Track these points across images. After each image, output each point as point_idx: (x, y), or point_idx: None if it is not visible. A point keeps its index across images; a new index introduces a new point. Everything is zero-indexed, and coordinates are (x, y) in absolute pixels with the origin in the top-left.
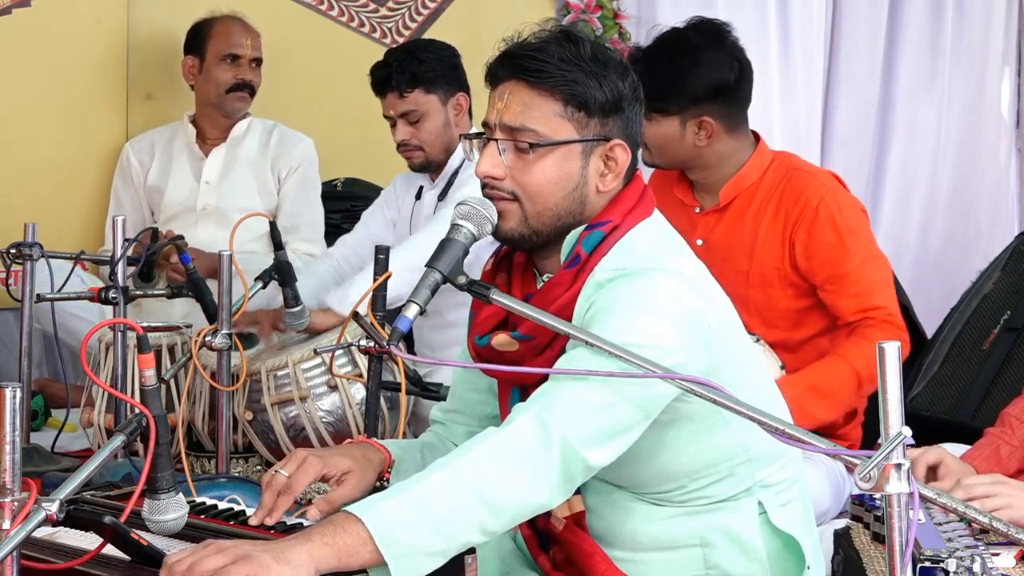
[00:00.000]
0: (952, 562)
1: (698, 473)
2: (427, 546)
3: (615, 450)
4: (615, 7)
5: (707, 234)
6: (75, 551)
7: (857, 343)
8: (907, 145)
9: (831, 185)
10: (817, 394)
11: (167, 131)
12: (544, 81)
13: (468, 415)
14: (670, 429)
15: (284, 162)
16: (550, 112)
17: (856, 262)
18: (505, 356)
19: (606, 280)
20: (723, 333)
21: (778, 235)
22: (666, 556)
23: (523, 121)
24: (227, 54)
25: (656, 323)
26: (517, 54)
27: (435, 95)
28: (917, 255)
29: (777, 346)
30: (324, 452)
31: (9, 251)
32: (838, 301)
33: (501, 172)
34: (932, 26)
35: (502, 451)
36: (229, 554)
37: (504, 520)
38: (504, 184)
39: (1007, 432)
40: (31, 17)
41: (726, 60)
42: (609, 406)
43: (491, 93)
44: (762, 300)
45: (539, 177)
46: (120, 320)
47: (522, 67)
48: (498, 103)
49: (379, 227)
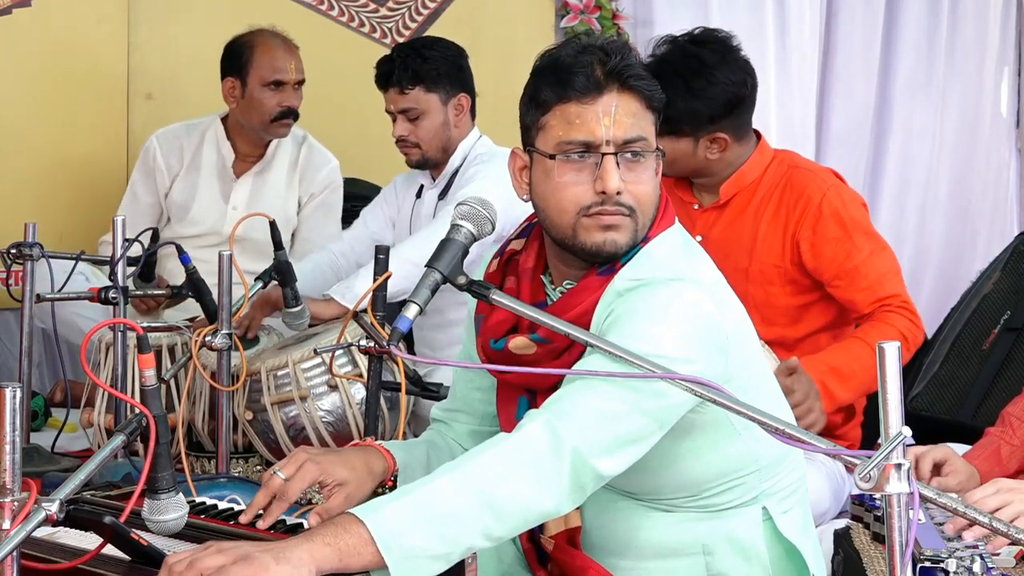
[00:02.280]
0: (952, 562)
1: (710, 483)
2: (429, 549)
3: (627, 460)
4: (614, 8)
5: (706, 230)
6: (75, 551)
7: (875, 326)
8: (904, 145)
9: (832, 182)
10: (839, 376)
11: (195, 134)
12: (649, 94)
13: (470, 413)
14: (684, 440)
15: (307, 187)
16: (649, 122)
17: (864, 255)
18: (521, 359)
19: (625, 289)
20: (738, 341)
21: (779, 233)
22: (669, 564)
23: (637, 132)
24: (272, 80)
25: (673, 333)
26: (618, 67)
27: (436, 94)
28: (916, 255)
29: (775, 343)
30: (324, 457)
31: (9, 251)
32: (852, 295)
33: (622, 187)
34: (929, 27)
35: (512, 458)
36: (229, 554)
37: (509, 526)
38: (624, 199)
39: (1007, 432)
40: (31, 17)
41: (739, 76)
42: (622, 415)
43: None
44: (761, 297)
45: (650, 187)
46: (120, 320)
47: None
48: (604, 118)
49: (378, 225)
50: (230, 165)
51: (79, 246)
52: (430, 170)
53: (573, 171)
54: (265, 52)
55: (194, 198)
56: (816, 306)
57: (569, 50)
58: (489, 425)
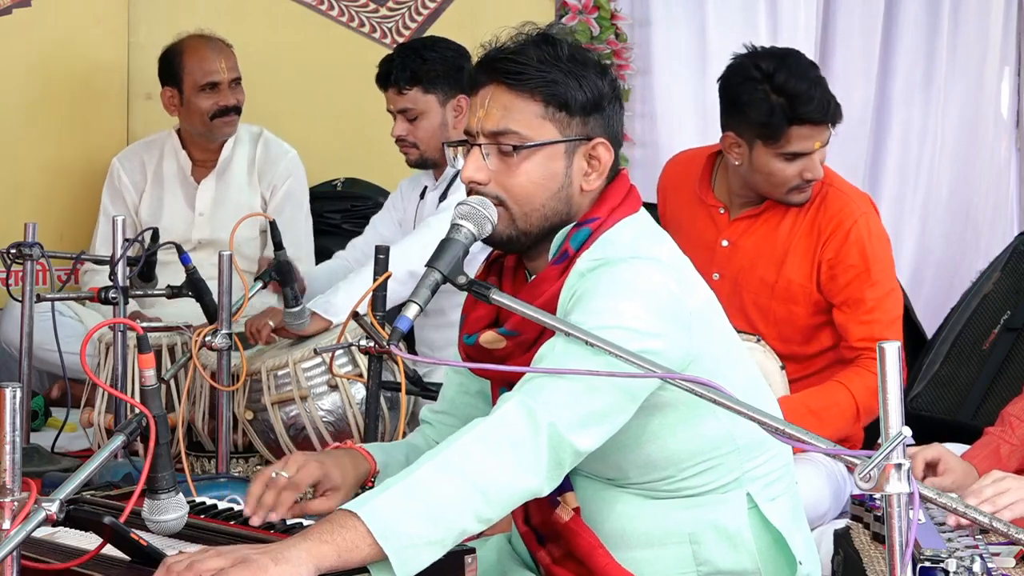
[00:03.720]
0: (952, 562)
1: (685, 462)
2: (425, 536)
3: (602, 434)
4: (612, 8)
5: (736, 237)
6: (75, 551)
7: (860, 374)
8: (904, 145)
9: (865, 209)
10: (816, 418)
11: (154, 149)
12: (524, 83)
13: (458, 417)
14: (655, 416)
15: (268, 180)
16: (532, 114)
17: (877, 291)
18: (494, 354)
19: (588, 270)
20: (704, 319)
21: (809, 252)
22: (656, 553)
23: (505, 124)
24: (205, 83)
25: (635, 307)
26: (496, 58)
27: (434, 95)
28: (916, 255)
29: (787, 358)
30: (321, 459)
31: (9, 251)
32: (849, 324)
33: (485, 177)
34: (929, 26)
35: (490, 439)
36: (228, 557)
37: (498, 507)
38: (489, 189)
39: (1007, 431)
40: (31, 17)
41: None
42: (594, 391)
43: (471, 99)
44: (783, 314)
45: (524, 179)
46: (120, 320)
47: (502, 70)
48: (479, 110)
49: (387, 228)
50: (189, 173)
51: (79, 246)
52: (432, 171)
53: (468, 160)
54: (194, 57)
55: (161, 210)
56: (830, 326)
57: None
58: None
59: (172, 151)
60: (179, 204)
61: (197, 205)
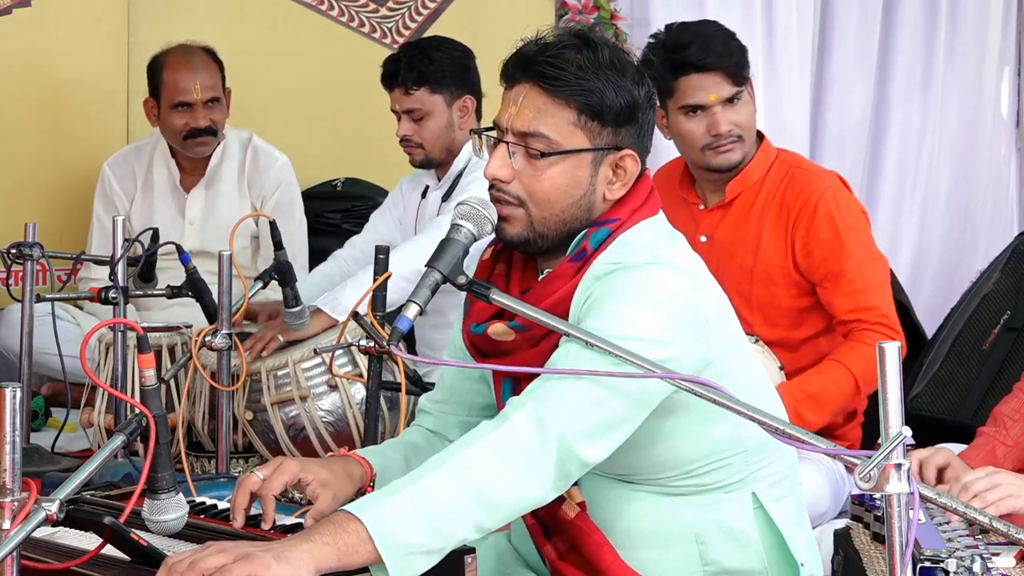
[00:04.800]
0: (952, 562)
1: (695, 463)
2: (424, 545)
3: (610, 445)
4: (612, 8)
5: (711, 230)
6: (75, 551)
7: (854, 347)
8: (903, 145)
9: (832, 183)
10: (815, 402)
11: (144, 155)
12: (560, 89)
13: (460, 404)
14: (668, 419)
15: (258, 190)
16: (564, 120)
17: (853, 261)
18: (500, 345)
19: (604, 273)
20: (719, 324)
21: (781, 233)
22: (662, 553)
23: (536, 127)
24: (177, 102)
25: (651, 316)
26: (535, 58)
27: (441, 95)
28: (916, 255)
29: (777, 345)
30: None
31: (9, 251)
32: (833, 299)
33: (509, 175)
34: (928, 26)
35: (499, 449)
36: (230, 553)
37: (499, 518)
38: (511, 188)
39: (1001, 432)
40: (31, 17)
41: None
42: (604, 401)
43: (505, 93)
44: (765, 298)
45: (548, 184)
46: (120, 320)
47: (539, 72)
48: (511, 107)
49: (387, 227)
50: (178, 182)
51: (79, 246)
52: (435, 170)
53: (493, 155)
54: (171, 72)
55: (152, 217)
56: (818, 309)
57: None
58: (477, 416)
59: (162, 158)
60: (170, 212)
61: (187, 214)
